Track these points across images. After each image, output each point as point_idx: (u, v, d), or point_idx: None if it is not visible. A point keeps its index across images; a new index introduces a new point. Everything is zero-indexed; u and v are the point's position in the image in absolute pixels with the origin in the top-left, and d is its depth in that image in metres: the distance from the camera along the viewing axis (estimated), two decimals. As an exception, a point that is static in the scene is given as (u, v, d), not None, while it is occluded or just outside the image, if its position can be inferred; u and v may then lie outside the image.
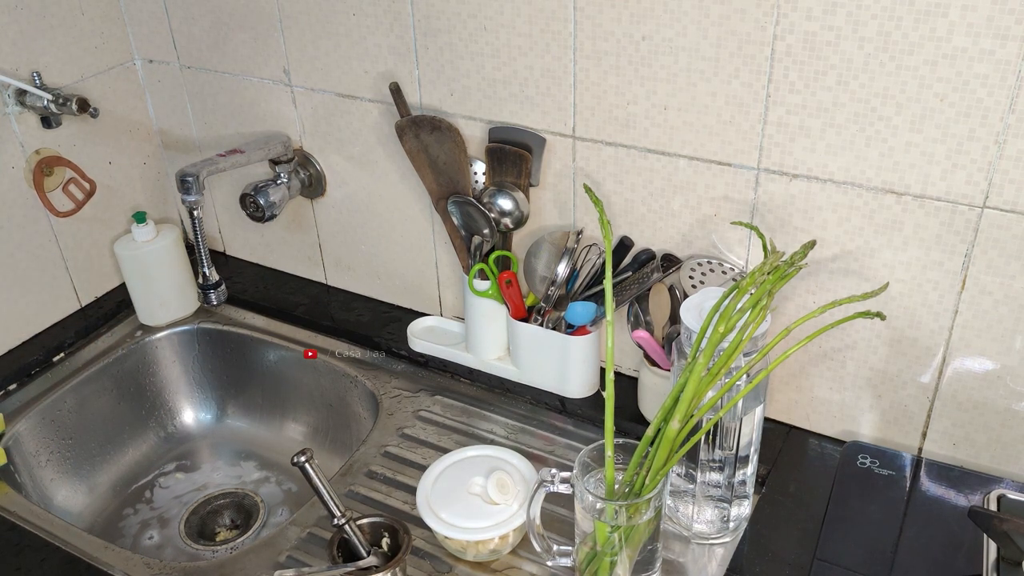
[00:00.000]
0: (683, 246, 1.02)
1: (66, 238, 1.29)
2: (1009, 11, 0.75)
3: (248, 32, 1.20)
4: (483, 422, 1.12)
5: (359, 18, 1.10)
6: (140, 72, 1.35)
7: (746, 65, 0.88)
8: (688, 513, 0.94)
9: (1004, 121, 0.79)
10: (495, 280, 1.11)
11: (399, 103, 1.09)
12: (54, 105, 1.18)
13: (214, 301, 1.15)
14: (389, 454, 1.08)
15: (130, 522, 1.21)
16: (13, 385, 1.23)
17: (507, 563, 0.93)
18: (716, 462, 0.90)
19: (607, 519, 0.82)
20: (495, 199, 1.07)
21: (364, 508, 1.01)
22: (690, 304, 0.89)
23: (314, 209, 1.31)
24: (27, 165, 1.21)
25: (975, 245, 0.86)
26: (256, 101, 1.26)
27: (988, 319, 0.88)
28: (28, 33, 1.18)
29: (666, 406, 0.81)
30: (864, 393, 0.99)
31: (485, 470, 0.96)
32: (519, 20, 0.98)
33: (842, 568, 0.86)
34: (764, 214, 0.95)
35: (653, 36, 0.91)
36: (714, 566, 0.92)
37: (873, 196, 0.88)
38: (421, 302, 1.30)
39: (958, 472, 0.95)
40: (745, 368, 0.79)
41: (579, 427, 1.11)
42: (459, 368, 1.20)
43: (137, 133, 1.37)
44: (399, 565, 0.83)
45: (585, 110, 1.00)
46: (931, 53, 0.79)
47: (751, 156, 0.92)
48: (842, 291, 0.94)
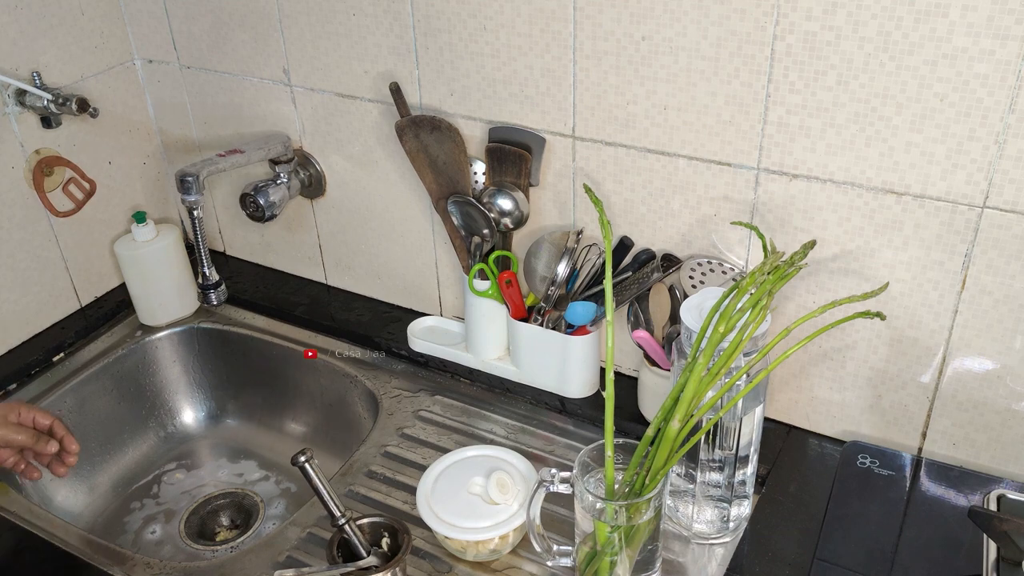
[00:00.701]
0: (683, 246, 1.02)
1: (66, 238, 1.29)
2: (1009, 11, 0.75)
3: (248, 32, 1.20)
4: (483, 422, 1.12)
5: (359, 18, 1.10)
6: (140, 72, 1.35)
7: (746, 65, 0.88)
8: (688, 513, 0.94)
9: (1004, 121, 0.79)
10: (495, 280, 1.11)
11: (399, 103, 1.09)
12: (54, 105, 1.18)
13: (214, 301, 1.15)
14: (389, 454, 1.08)
15: (134, 517, 1.22)
16: (13, 385, 1.22)
17: (507, 563, 0.93)
18: (716, 462, 0.90)
19: (607, 519, 0.82)
20: (495, 199, 1.07)
21: (364, 508, 1.01)
22: (690, 304, 0.89)
23: (314, 209, 1.31)
24: (27, 165, 1.21)
25: (975, 245, 0.86)
26: (256, 101, 1.26)
27: (988, 319, 0.88)
28: (28, 33, 1.18)
29: (666, 406, 0.81)
30: (864, 393, 0.99)
31: (485, 470, 0.96)
32: (519, 20, 0.98)
33: (842, 568, 0.86)
34: (764, 214, 0.95)
35: (653, 36, 0.91)
36: (714, 566, 0.92)
37: (873, 196, 0.88)
38: (421, 302, 1.30)
39: (958, 472, 0.95)
40: (745, 368, 0.79)
41: (579, 427, 1.11)
42: (459, 368, 1.20)
43: (137, 133, 1.37)
44: (399, 565, 0.83)
45: (585, 110, 1.00)
46: (931, 53, 0.79)
47: (751, 156, 0.92)
48: (842, 291, 0.94)
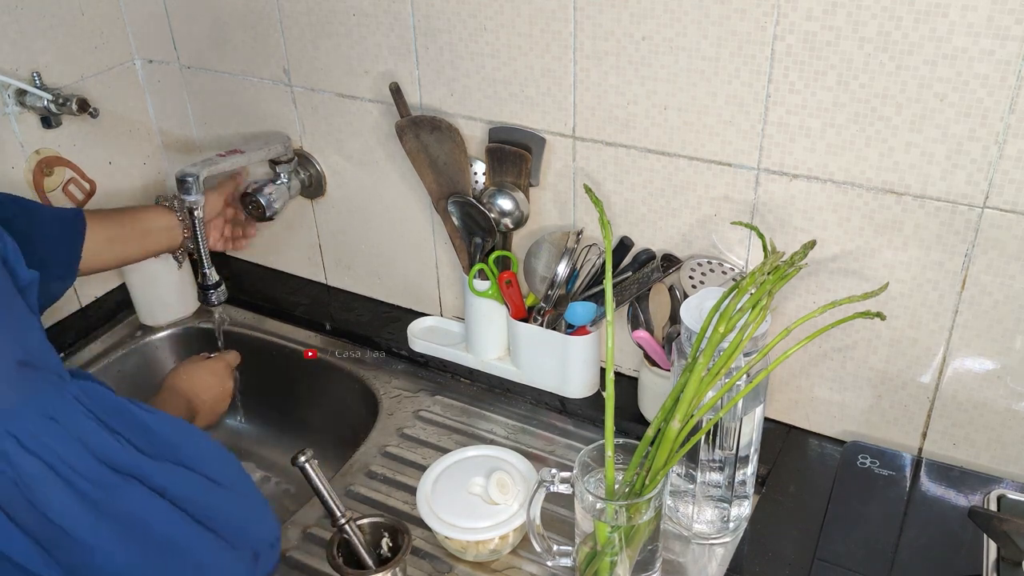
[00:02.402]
0: (683, 246, 1.02)
1: (66, 238, 1.29)
2: (1009, 11, 0.75)
3: (248, 32, 1.20)
4: (483, 422, 1.12)
5: (359, 18, 1.10)
6: (140, 72, 1.35)
7: (746, 65, 0.88)
8: (688, 513, 0.94)
9: (1004, 121, 0.79)
10: (495, 280, 1.11)
11: (399, 103, 1.09)
12: (54, 105, 1.18)
13: (214, 301, 1.15)
14: (389, 454, 1.08)
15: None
16: (13, 385, 1.22)
17: (507, 563, 0.93)
18: (716, 462, 0.90)
19: (607, 519, 0.82)
20: (495, 199, 1.07)
21: (364, 508, 1.01)
22: (690, 304, 0.89)
23: (314, 209, 1.31)
24: (27, 165, 1.21)
25: (975, 245, 0.86)
26: (256, 101, 1.26)
27: (988, 319, 0.88)
28: (28, 33, 1.18)
29: (666, 406, 0.81)
30: (864, 393, 0.99)
31: (485, 470, 0.96)
32: (519, 20, 0.98)
33: (842, 568, 0.86)
34: (764, 214, 0.95)
35: (653, 36, 0.91)
36: (714, 566, 0.92)
37: (873, 196, 0.88)
38: (421, 302, 1.30)
39: (958, 472, 0.95)
40: (745, 368, 0.79)
41: (579, 427, 1.11)
42: (459, 368, 1.20)
43: (137, 133, 1.37)
44: (399, 565, 0.83)
45: (585, 110, 1.00)
46: (931, 53, 0.79)
47: (751, 156, 0.92)
48: (842, 291, 0.94)
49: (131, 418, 0.71)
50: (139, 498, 0.68)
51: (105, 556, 0.67)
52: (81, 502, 0.66)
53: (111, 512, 0.67)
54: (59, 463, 0.65)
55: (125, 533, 0.67)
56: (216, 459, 0.76)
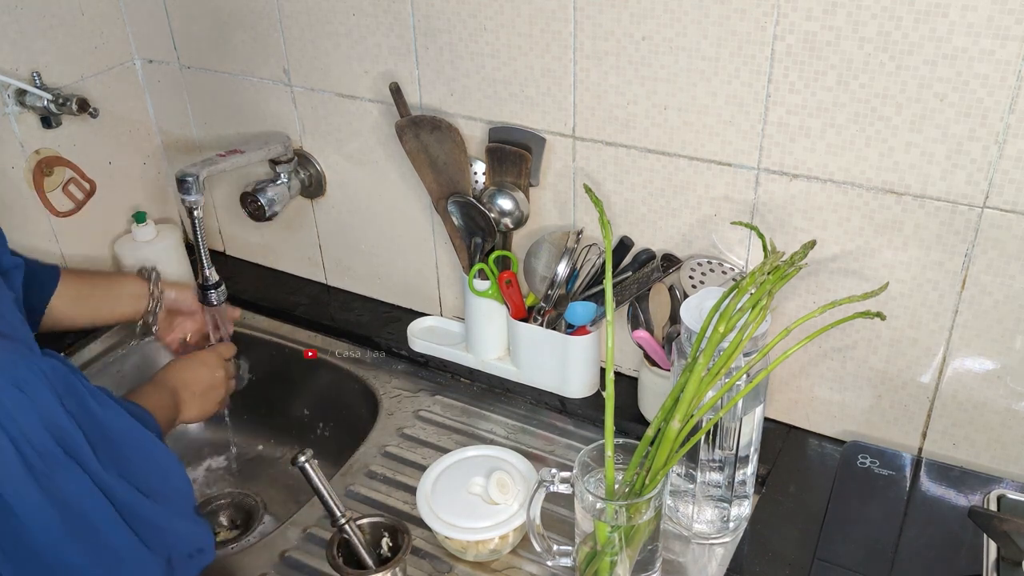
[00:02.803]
0: (683, 246, 1.02)
1: (66, 238, 1.29)
2: (1009, 11, 0.75)
3: (248, 32, 1.20)
4: (483, 422, 1.12)
5: (359, 18, 1.10)
6: (140, 72, 1.35)
7: (746, 65, 0.88)
8: (688, 513, 0.94)
9: (1004, 121, 0.79)
10: (495, 280, 1.11)
11: (399, 103, 1.09)
12: (54, 105, 1.18)
13: (214, 301, 1.15)
14: (389, 454, 1.08)
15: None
16: (13, 385, 1.22)
17: (507, 563, 0.93)
18: (716, 462, 0.90)
19: (607, 519, 0.82)
20: (495, 199, 1.07)
21: (364, 508, 1.01)
22: (690, 304, 0.89)
23: (314, 209, 1.31)
24: (27, 165, 1.21)
25: (975, 245, 0.86)
26: (256, 101, 1.26)
27: (988, 319, 0.88)
28: (28, 33, 1.18)
29: (666, 406, 0.81)
30: (864, 393, 0.99)
31: (485, 470, 0.96)
32: (519, 20, 0.98)
33: (842, 568, 0.86)
34: (764, 214, 0.95)
35: (653, 36, 0.91)
36: (714, 566, 0.92)
37: (873, 196, 0.88)
38: (421, 302, 1.30)
39: (958, 472, 0.95)
40: (745, 368, 0.79)
41: (579, 427, 1.11)
42: (459, 368, 1.20)
43: (137, 133, 1.37)
44: (399, 565, 0.83)
45: (585, 110, 1.00)
46: (931, 53, 0.79)
47: (751, 156, 0.92)
48: (842, 291, 0.94)
49: (85, 407, 0.74)
50: (78, 481, 0.72)
51: (41, 527, 0.70)
52: (27, 471, 0.69)
53: (51, 487, 0.70)
54: (15, 430, 0.68)
55: (62, 510, 0.71)
56: (155, 466, 0.80)
